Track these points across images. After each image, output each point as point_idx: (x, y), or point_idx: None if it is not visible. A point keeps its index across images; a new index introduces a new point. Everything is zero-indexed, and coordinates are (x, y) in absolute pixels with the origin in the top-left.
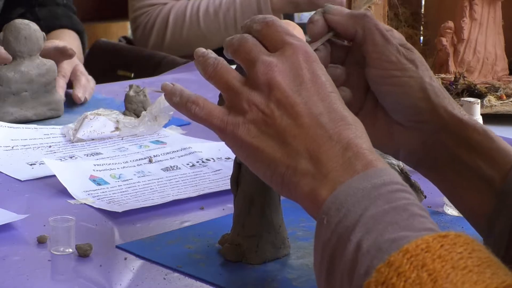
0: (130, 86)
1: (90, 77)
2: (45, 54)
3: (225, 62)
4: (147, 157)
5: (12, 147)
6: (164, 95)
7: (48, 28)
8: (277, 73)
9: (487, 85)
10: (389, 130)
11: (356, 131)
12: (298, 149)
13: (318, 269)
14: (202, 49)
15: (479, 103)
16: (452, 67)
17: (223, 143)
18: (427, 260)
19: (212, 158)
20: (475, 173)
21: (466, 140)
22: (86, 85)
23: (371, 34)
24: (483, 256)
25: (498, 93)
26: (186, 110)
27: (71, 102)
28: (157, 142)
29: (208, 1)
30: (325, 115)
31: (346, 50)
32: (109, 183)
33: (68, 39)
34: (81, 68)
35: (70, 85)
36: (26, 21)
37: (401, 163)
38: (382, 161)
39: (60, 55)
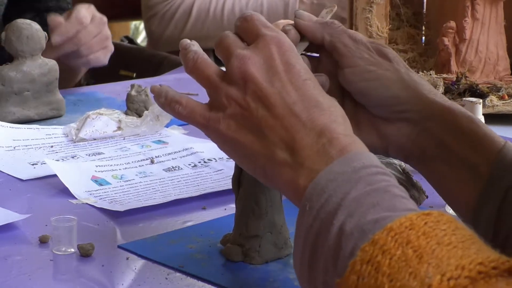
0: (132, 86)
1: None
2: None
3: (204, 56)
4: (149, 158)
5: (14, 147)
6: (153, 96)
7: None
8: (250, 66)
9: (489, 85)
10: (374, 129)
11: (330, 116)
12: (274, 140)
13: (299, 259)
14: (186, 41)
15: (481, 103)
16: (454, 67)
17: None
18: (411, 237)
19: (214, 158)
20: (462, 160)
21: (453, 125)
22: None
23: (340, 38)
24: (467, 233)
25: (500, 93)
26: (171, 109)
27: (73, 102)
28: (159, 142)
29: (233, 0)
30: (299, 104)
31: (315, 63)
32: (111, 184)
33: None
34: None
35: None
36: (28, 21)
37: (402, 163)
38: (359, 144)
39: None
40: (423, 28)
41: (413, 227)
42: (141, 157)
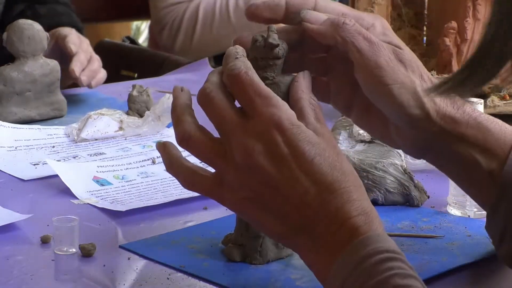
0: (133, 86)
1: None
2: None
3: (198, 136)
4: (150, 158)
5: (16, 148)
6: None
7: (48, 25)
8: (256, 156)
9: (490, 85)
10: (385, 127)
11: (342, 196)
12: (293, 226)
13: None
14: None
15: (482, 103)
16: (455, 67)
17: None
18: None
19: None
20: (475, 167)
21: (461, 136)
22: (96, 71)
23: (354, 41)
24: None
25: (501, 93)
26: (176, 177)
27: (74, 102)
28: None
29: None
30: (310, 191)
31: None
32: (112, 184)
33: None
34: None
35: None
36: (30, 21)
37: (404, 164)
38: (370, 224)
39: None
40: (425, 28)
41: None
42: (142, 157)
